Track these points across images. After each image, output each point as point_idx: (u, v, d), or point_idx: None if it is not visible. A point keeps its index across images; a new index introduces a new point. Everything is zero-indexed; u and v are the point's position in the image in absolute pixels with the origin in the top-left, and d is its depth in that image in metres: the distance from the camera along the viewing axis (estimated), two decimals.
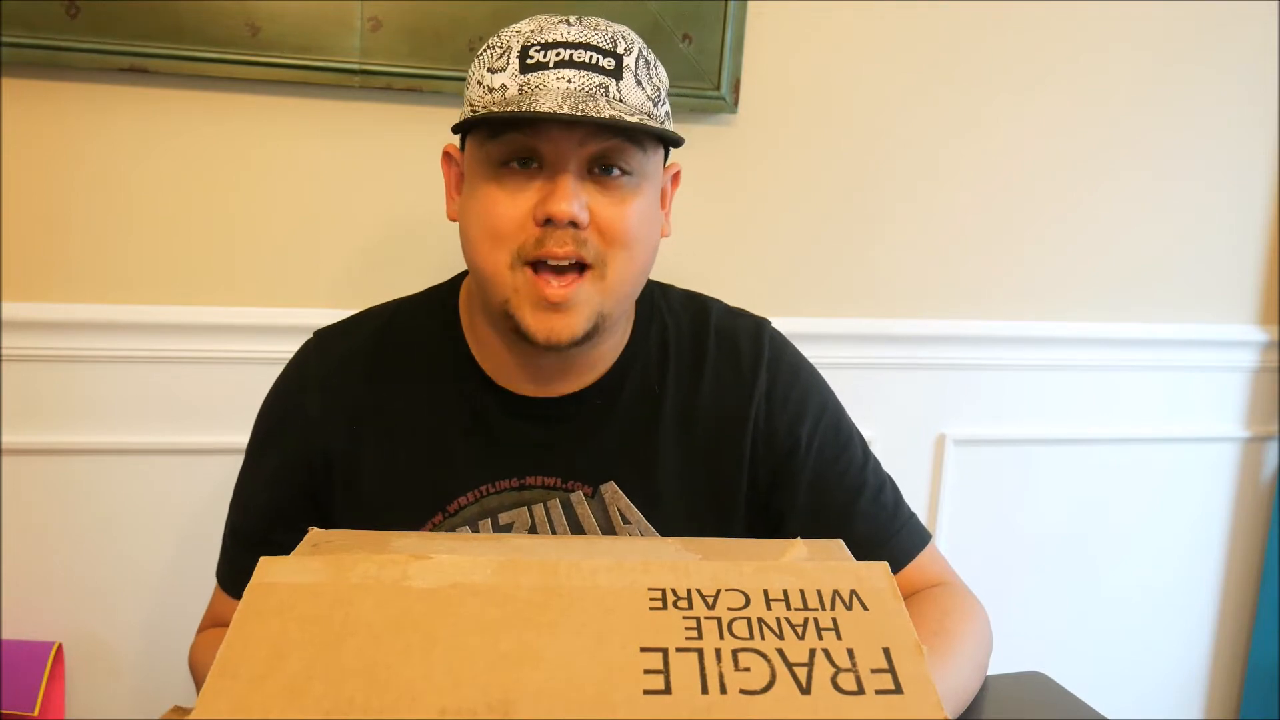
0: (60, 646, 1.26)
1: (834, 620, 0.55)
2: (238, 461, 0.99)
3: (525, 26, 0.84)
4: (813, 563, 0.61)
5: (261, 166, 1.29)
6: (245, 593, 0.57)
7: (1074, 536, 1.67)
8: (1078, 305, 1.61)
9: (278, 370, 0.98)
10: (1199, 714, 1.80)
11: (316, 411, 0.92)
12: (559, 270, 0.81)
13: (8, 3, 1.16)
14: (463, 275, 0.96)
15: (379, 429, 0.91)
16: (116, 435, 1.29)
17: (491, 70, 0.83)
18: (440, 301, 0.96)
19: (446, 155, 0.92)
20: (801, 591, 0.57)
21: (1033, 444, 1.63)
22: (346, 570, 0.58)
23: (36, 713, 1.17)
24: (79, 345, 1.26)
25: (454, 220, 0.89)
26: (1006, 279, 1.57)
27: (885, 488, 0.97)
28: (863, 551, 0.91)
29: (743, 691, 0.51)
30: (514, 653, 0.53)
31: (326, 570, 0.58)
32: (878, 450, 1.02)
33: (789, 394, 0.94)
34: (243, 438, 0.98)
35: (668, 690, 0.51)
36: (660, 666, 0.52)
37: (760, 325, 0.98)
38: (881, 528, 0.94)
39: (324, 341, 0.96)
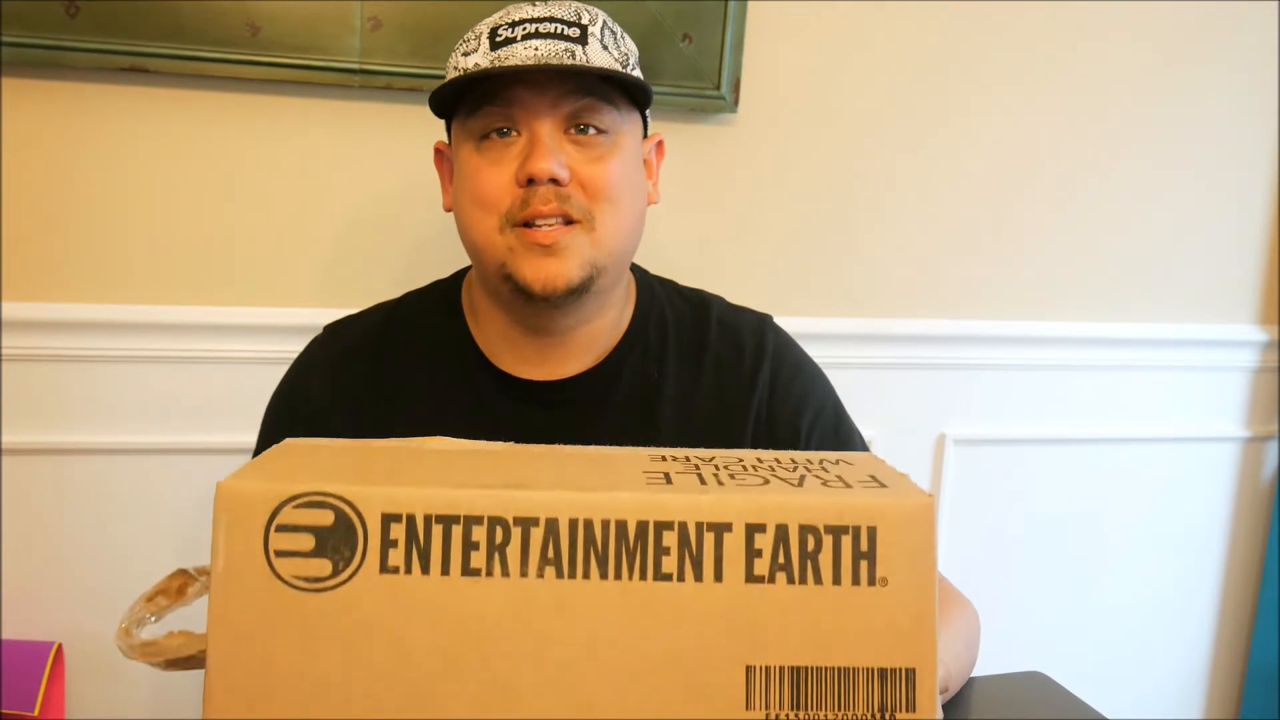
0: (60, 646, 1.26)
1: (823, 465, 0.59)
2: (238, 461, 0.98)
3: (493, 15, 0.89)
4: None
5: (262, 166, 1.29)
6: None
7: (1074, 536, 1.67)
8: (1078, 305, 1.61)
9: (277, 370, 0.99)
10: (1199, 714, 1.80)
11: (320, 397, 0.94)
12: (548, 225, 0.85)
13: (8, 3, 1.16)
14: (466, 269, 0.98)
15: (380, 413, 0.93)
16: (116, 435, 1.29)
17: (465, 55, 0.87)
18: (443, 291, 0.99)
19: (438, 151, 0.96)
20: (792, 458, 0.61)
21: (1033, 444, 1.63)
22: (366, 443, 0.63)
23: (36, 713, 1.17)
24: (79, 345, 1.26)
25: (449, 210, 0.93)
26: (1007, 278, 1.57)
27: None
28: None
29: (739, 485, 0.55)
30: (528, 472, 0.56)
31: (347, 444, 0.63)
32: (878, 450, 1.02)
33: (792, 385, 0.96)
34: (243, 437, 0.98)
35: (669, 482, 0.55)
36: (661, 476, 0.56)
37: (764, 319, 1.00)
38: None
39: (331, 332, 0.99)
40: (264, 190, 1.29)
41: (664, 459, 0.59)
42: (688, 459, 0.59)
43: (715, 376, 0.95)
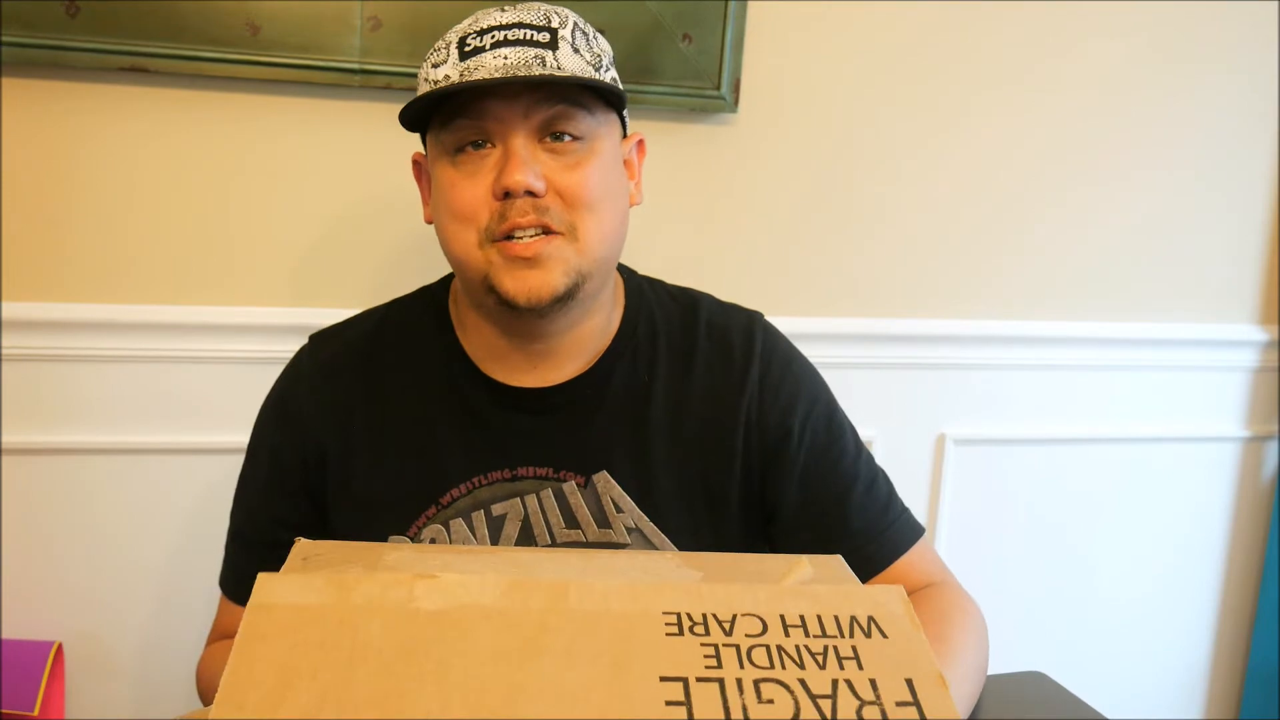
0: (60, 646, 1.26)
1: (854, 649, 0.55)
2: (237, 461, 0.99)
3: (463, 22, 0.87)
4: (825, 586, 0.60)
5: (261, 166, 1.29)
6: (245, 615, 0.55)
7: (1074, 536, 1.67)
8: (1077, 305, 1.61)
9: (277, 370, 0.99)
10: (1199, 714, 1.80)
11: (309, 410, 0.93)
12: (527, 237, 0.84)
13: (8, 3, 1.16)
14: (453, 274, 0.97)
15: (371, 424, 0.92)
16: (116, 435, 1.29)
17: (435, 66, 0.86)
18: (431, 298, 0.98)
19: (415, 163, 0.95)
20: (819, 617, 0.56)
21: (1033, 444, 1.63)
22: (349, 590, 0.56)
23: (36, 713, 1.17)
24: (79, 345, 1.26)
25: (429, 222, 0.92)
26: (1006, 278, 1.57)
27: (878, 480, 0.97)
28: (856, 544, 0.91)
29: (768, 711, 0.51)
30: (531, 684, 0.52)
31: (329, 590, 0.56)
32: (878, 450, 1.02)
33: (782, 384, 0.94)
34: (243, 437, 0.98)
35: (687, 704, 0.50)
36: (681, 698, 0.51)
37: (753, 317, 0.98)
38: (874, 520, 0.94)
39: (317, 342, 0.98)
40: (264, 190, 1.29)
41: (680, 631, 0.55)
42: (707, 625, 0.55)
43: (706, 376, 0.94)
